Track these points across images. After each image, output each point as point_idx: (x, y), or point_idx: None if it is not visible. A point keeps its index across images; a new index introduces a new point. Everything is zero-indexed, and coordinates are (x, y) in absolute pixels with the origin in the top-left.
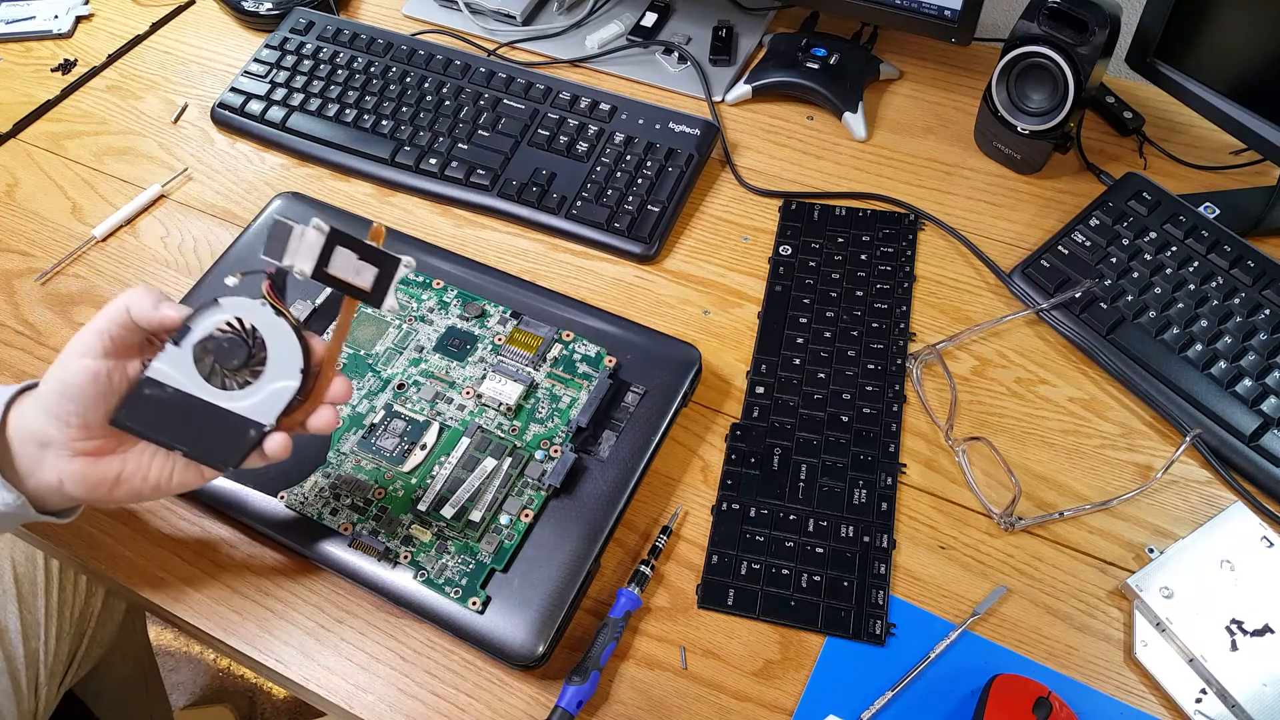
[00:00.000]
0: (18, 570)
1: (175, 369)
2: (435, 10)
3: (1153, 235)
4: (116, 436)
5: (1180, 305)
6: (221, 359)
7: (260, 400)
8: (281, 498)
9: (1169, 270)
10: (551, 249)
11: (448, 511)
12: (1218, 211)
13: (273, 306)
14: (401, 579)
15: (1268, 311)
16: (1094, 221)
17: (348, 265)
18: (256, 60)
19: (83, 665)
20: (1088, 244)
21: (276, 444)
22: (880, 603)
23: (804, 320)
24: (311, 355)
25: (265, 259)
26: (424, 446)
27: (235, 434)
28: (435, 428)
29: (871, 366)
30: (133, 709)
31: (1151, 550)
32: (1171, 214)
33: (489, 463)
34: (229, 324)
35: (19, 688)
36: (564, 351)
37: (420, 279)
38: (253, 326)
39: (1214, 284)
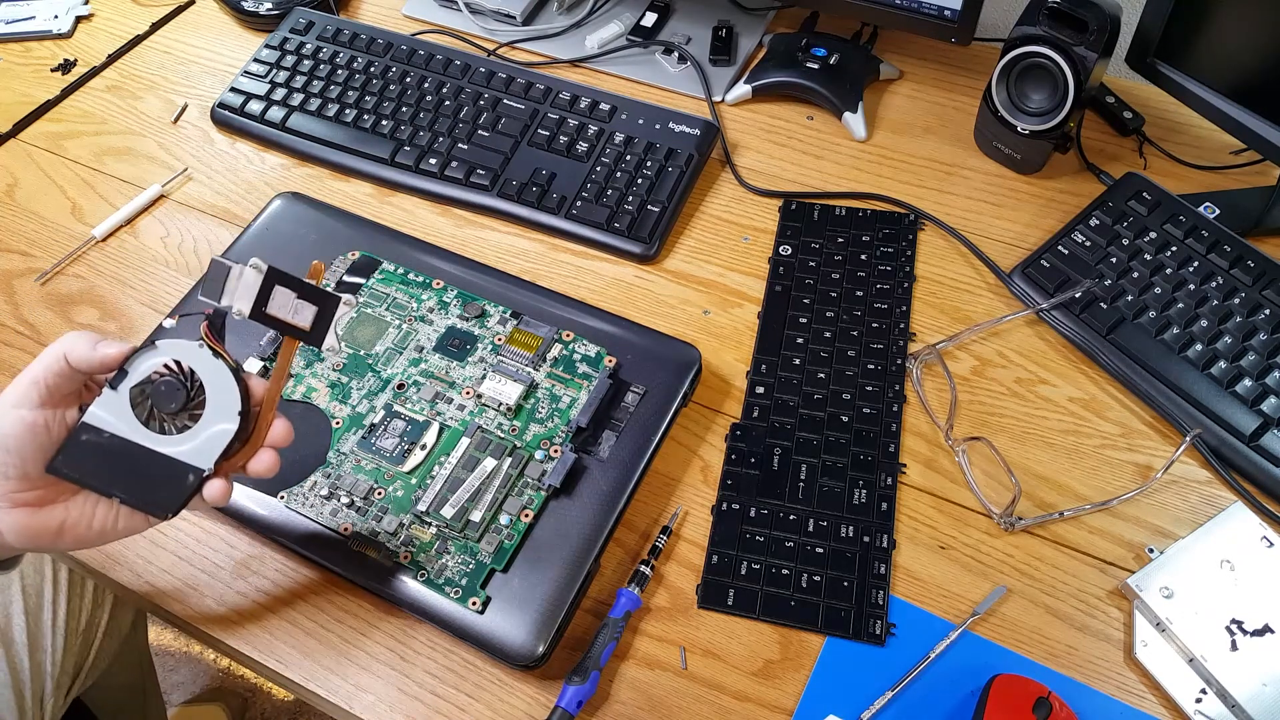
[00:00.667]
0: (25, 582)
1: (112, 414)
2: (435, 10)
3: (1153, 235)
4: (57, 485)
5: (1180, 305)
6: (159, 403)
7: (198, 444)
8: (281, 498)
9: (1169, 270)
10: (551, 249)
11: (448, 511)
12: (1218, 211)
13: (210, 348)
14: (401, 579)
15: (1268, 311)
16: (1094, 221)
17: (286, 304)
18: (256, 60)
19: (89, 676)
20: (1088, 244)
21: (216, 490)
22: (880, 603)
23: (804, 320)
24: (250, 397)
25: (202, 299)
26: (424, 446)
27: (174, 479)
28: (435, 428)
29: (871, 366)
30: (130, 713)
31: (1151, 550)
32: (1171, 214)
33: (489, 463)
34: (166, 366)
35: (23, 701)
36: (564, 351)
37: (420, 279)
38: (190, 369)
39: (1214, 284)
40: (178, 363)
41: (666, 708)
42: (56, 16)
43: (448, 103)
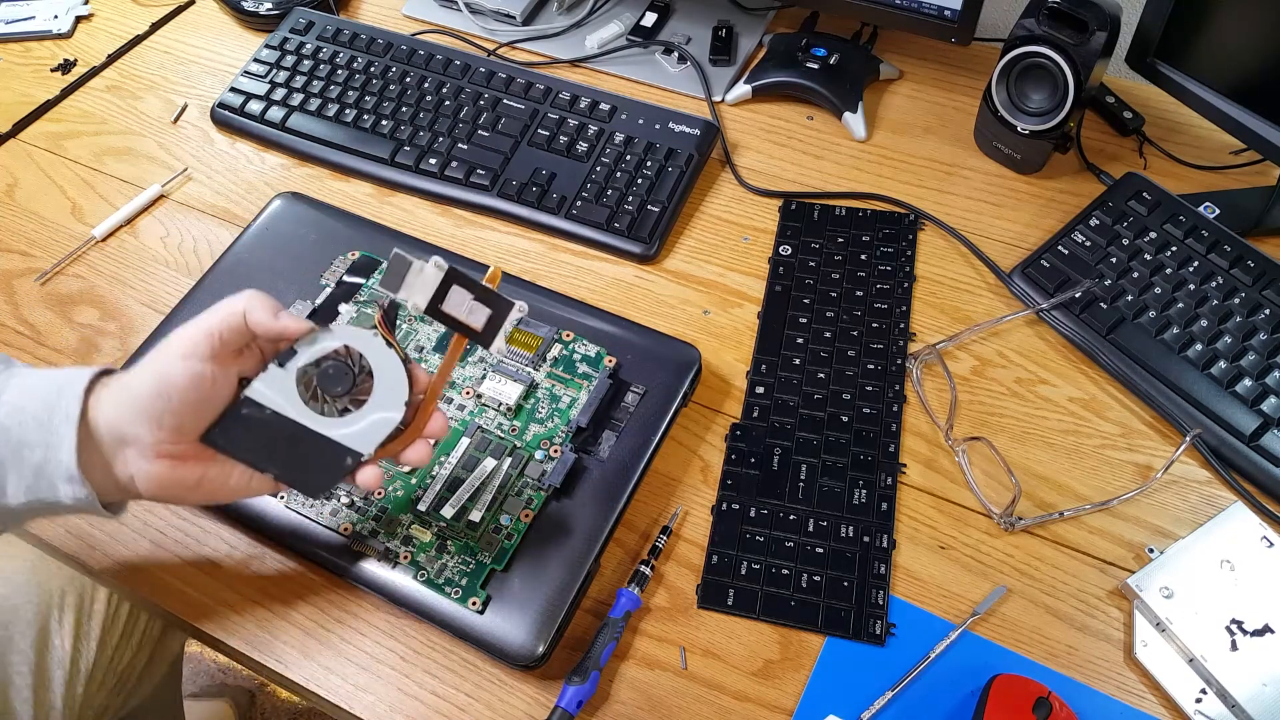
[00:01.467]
0: (63, 617)
1: (276, 390)
2: (435, 10)
3: (1153, 235)
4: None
5: (1180, 305)
6: (326, 385)
7: (361, 429)
8: (281, 498)
9: (1169, 270)
10: (551, 249)
11: (448, 511)
12: (1218, 211)
13: (384, 338)
14: (401, 579)
15: (1268, 311)
16: (1094, 221)
17: (461, 304)
18: (256, 60)
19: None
20: (1088, 244)
21: (370, 475)
22: (880, 603)
23: (804, 320)
24: (415, 388)
25: (380, 290)
26: None
27: (331, 461)
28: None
29: (871, 366)
30: None
31: (1151, 550)
32: (1171, 214)
33: (489, 463)
34: (337, 351)
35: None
36: (564, 351)
37: None
38: (360, 355)
39: (1214, 284)
40: (348, 348)
41: (666, 708)
42: (56, 16)
43: (448, 103)
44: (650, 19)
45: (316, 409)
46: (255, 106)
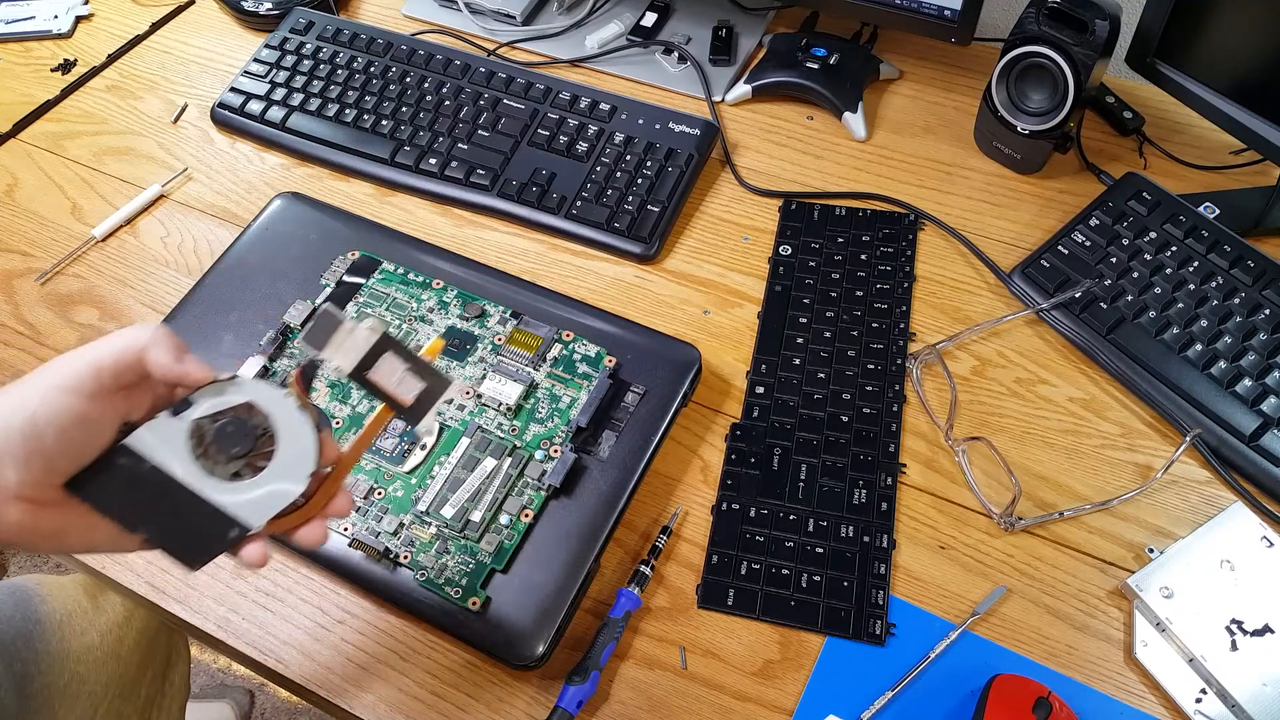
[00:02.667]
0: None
1: (162, 442)
2: (435, 10)
3: (1153, 235)
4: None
5: (1180, 305)
6: (221, 444)
7: (253, 499)
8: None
9: (1169, 270)
10: (551, 249)
11: (448, 512)
12: (1217, 211)
13: (296, 399)
14: (401, 579)
15: (1268, 311)
16: (1094, 221)
17: (392, 374)
18: (256, 60)
19: None
20: (1088, 244)
21: (255, 552)
22: (880, 603)
23: (804, 320)
24: (323, 459)
25: (302, 346)
26: (424, 447)
27: (213, 530)
28: (435, 428)
29: (871, 366)
30: None
31: (1151, 550)
32: (1171, 214)
33: (489, 463)
34: (241, 407)
35: None
36: (564, 351)
37: (420, 279)
38: (266, 415)
39: (1214, 284)
40: (253, 406)
41: (666, 708)
42: (56, 16)
43: (448, 103)
44: (650, 19)
45: (206, 469)
46: (255, 106)
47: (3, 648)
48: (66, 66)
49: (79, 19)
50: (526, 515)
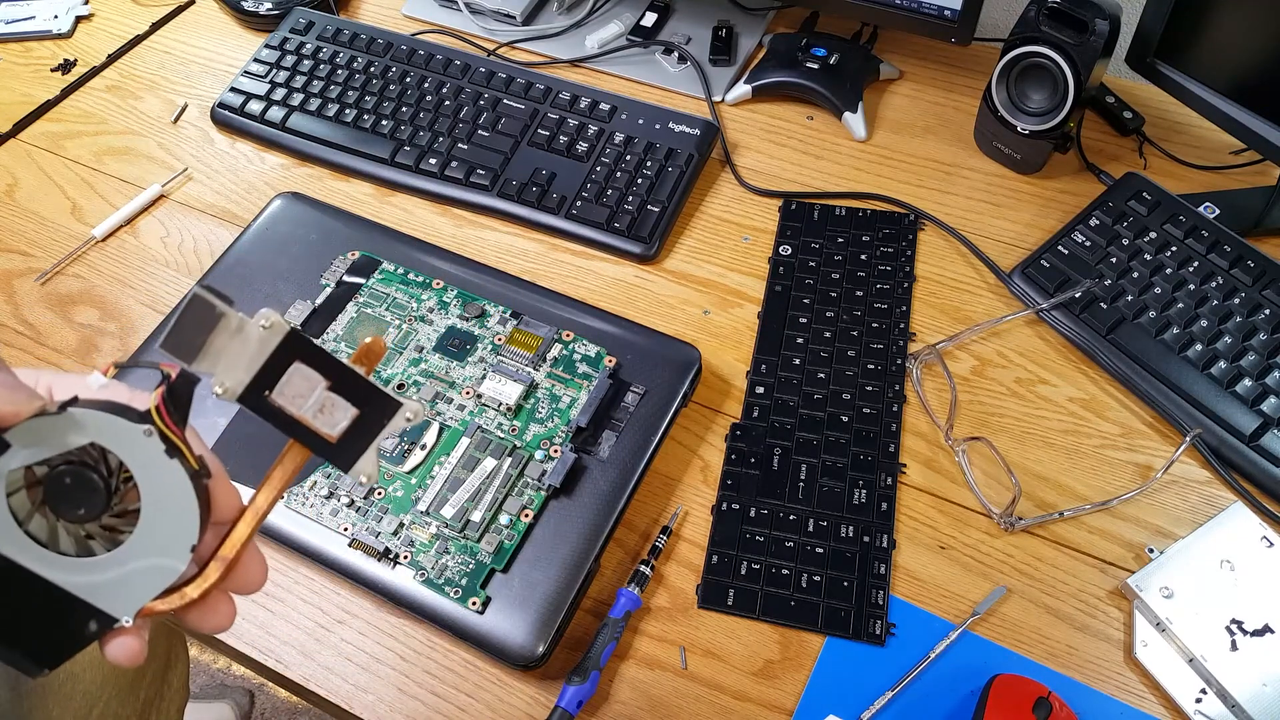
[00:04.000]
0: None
1: None
2: (435, 10)
3: (1153, 235)
4: None
5: (1180, 305)
6: (61, 503)
7: (116, 578)
8: (281, 498)
9: (1169, 270)
10: (551, 249)
11: (448, 511)
12: (1218, 211)
13: (162, 435)
14: (401, 579)
15: (1268, 311)
16: (1094, 221)
17: (306, 394)
18: (256, 60)
19: None
20: (1088, 244)
21: (128, 648)
22: (880, 603)
23: (804, 320)
24: (213, 517)
25: (164, 354)
26: (424, 447)
27: (66, 623)
28: (435, 428)
29: (871, 366)
30: None
31: (1151, 550)
32: (1171, 214)
33: (489, 463)
34: (82, 450)
35: None
36: (564, 351)
37: (420, 279)
38: (119, 462)
39: (1214, 284)
40: (101, 449)
41: (666, 708)
42: (56, 16)
43: (448, 103)
44: (650, 19)
45: (44, 537)
46: (255, 106)
47: None
48: (66, 66)
49: (79, 19)
50: (526, 515)
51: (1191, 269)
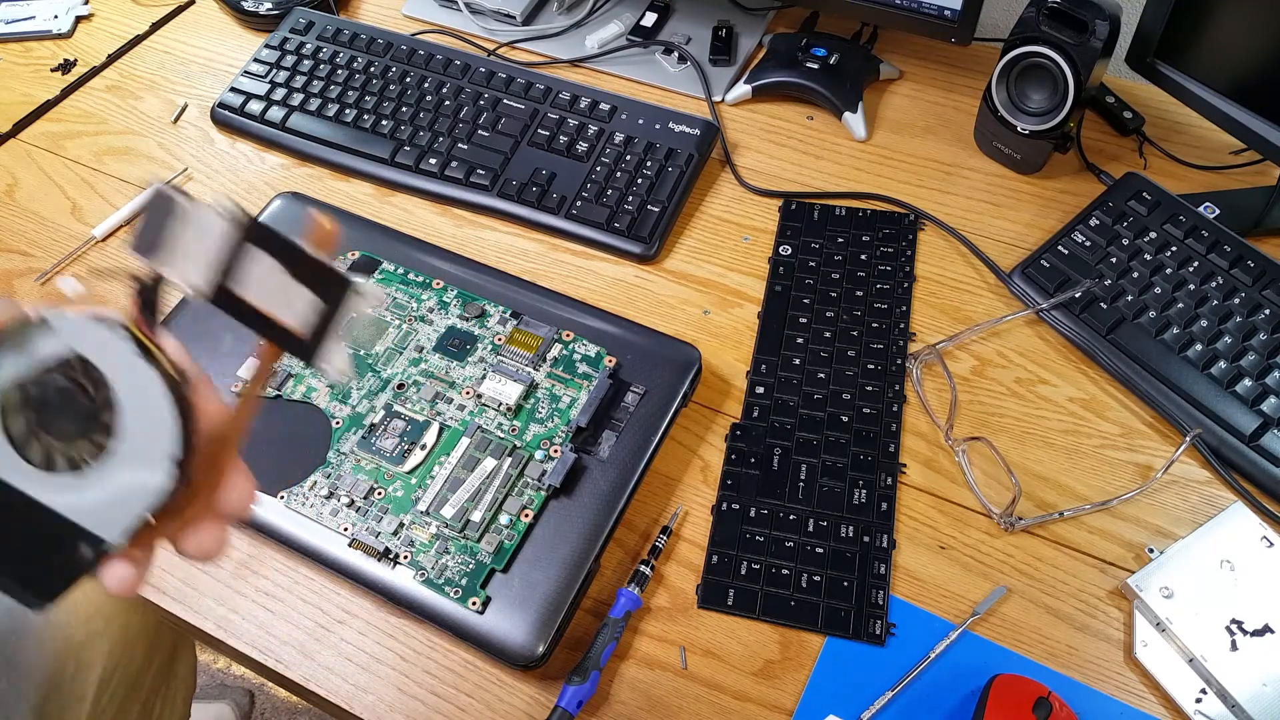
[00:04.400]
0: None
1: None
2: (435, 10)
3: (1153, 235)
4: None
5: (1180, 305)
6: (50, 421)
7: (101, 497)
8: (281, 498)
9: (1169, 270)
10: (551, 249)
11: (448, 511)
12: (1218, 211)
13: (136, 340)
14: (401, 579)
15: (1268, 311)
16: (1094, 221)
17: (269, 284)
18: (256, 60)
19: None
20: (1088, 244)
21: (121, 577)
22: (880, 603)
23: (804, 320)
24: (195, 430)
25: (133, 255)
26: (424, 447)
27: (62, 550)
28: (435, 428)
29: (871, 366)
30: None
31: (1151, 550)
32: (1171, 214)
33: (489, 463)
34: (64, 361)
35: None
36: (564, 351)
37: (420, 279)
38: (100, 372)
39: (1214, 284)
40: (80, 359)
41: (666, 708)
42: (56, 16)
43: (448, 103)
44: (650, 19)
45: (39, 460)
46: (255, 106)
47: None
48: (66, 66)
49: (79, 19)
50: (526, 515)
51: (1191, 269)
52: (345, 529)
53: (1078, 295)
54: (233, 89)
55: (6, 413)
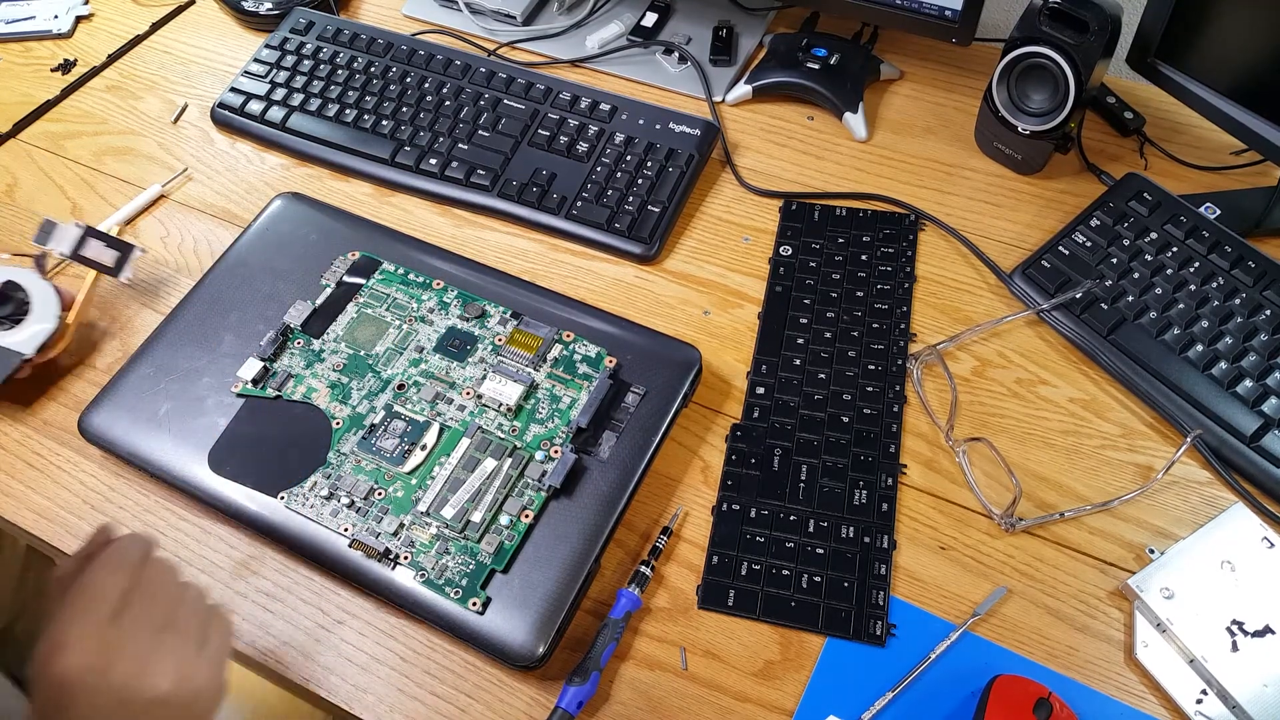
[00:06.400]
0: None
1: None
2: (435, 10)
3: (1153, 236)
4: None
5: (1181, 306)
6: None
7: (25, 337)
8: (281, 498)
9: (1170, 271)
10: (551, 249)
11: (448, 512)
12: (1218, 212)
13: (40, 275)
14: (402, 579)
15: (1268, 312)
16: (1094, 222)
17: (97, 250)
18: (256, 60)
19: None
20: (1088, 244)
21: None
22: (880, 603)
23: (804, 321)
24: (65, 308)
25: (34, 244)
26: (424, 447)
27: (4, 366)
28: (435, 428)
29: (872, 367)
30: None
31: (1152, 551)
32: (1172, 214)
33: (489, 463)
34: (10, 284)
35: None
36: (564, 352)
37: (420, 279)
38: (23, 288)
39: (1215, 284)
40: (15, 284)
41: (667, 708)
42: (56, 16)
43: (448, 103)
44: (650, 19)
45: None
46: (255, 106)
47: None
48: (66, 66)
49: (79, 19)
50: (527, 516)
51: (1192, 269)
52: (345, 529)
53: (1078, 296)
54: (233, 89)
55: None
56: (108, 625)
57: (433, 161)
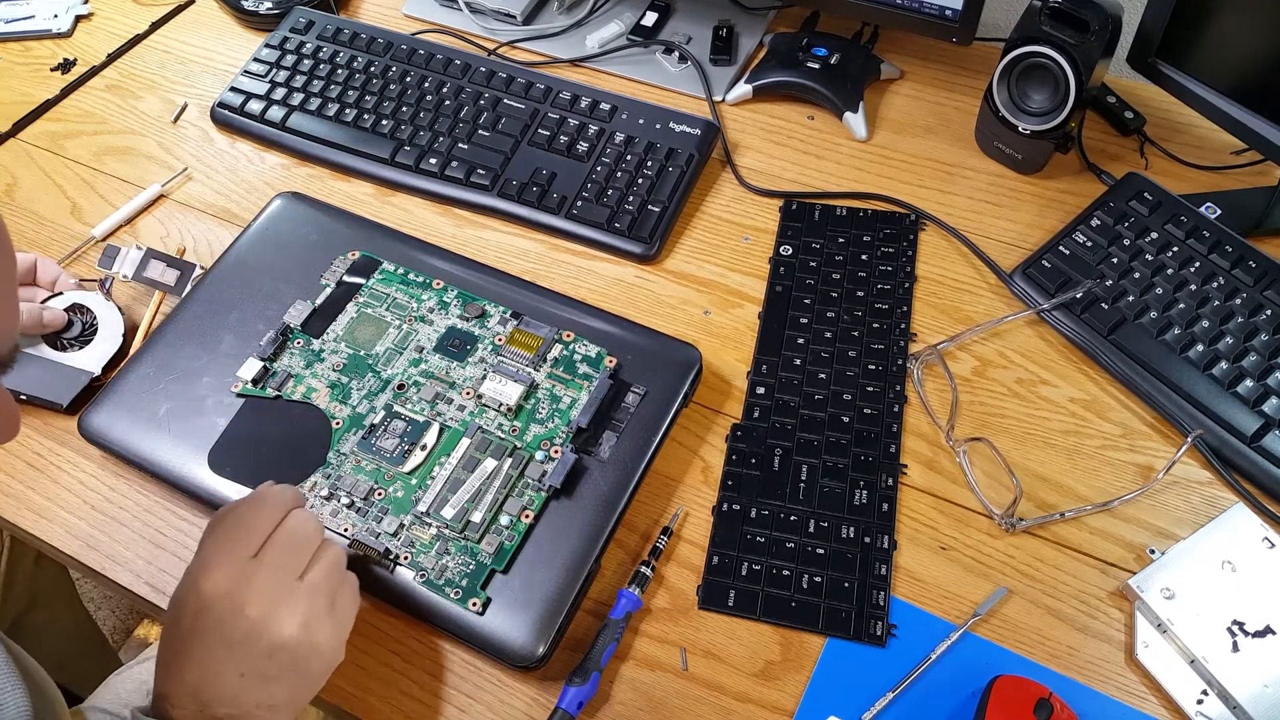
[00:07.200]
0: None
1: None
2: (435, 10)
3: (1154, 236)
4: None
5: (1181, 306)
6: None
7: (91, 357)
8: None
9: (1170, 271)
10: (552, 249)
11: (448, 512)
12: (1219, 212)
13: (106, 300)
14: (402, 580)
15: (1269, 312)
16: (1095, 222)
17: (159, 270)
18: (256, 60)
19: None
20: (1089, 244)
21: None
22: (881, 604)
23: (805, 320)
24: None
25: (99, 268)
26: (424, 447)
27: (71, 378)
28: (435, 428)
29: (872, 367)
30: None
31: (1152, 551)
32: (1173, 214)
33: (489, 463)
34: (72, 307)
35: None
36: (564, 352)
37: (420, 279)
38: (91, 311)
39: (1215, 284)
40: (81, 305)
41: (667, 709)
42: (56, 16)
43: (448, 102)
44: (651, 19)
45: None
46: (255, 106)
47: None
48: (66, 66)
49: (79, 18)
50: (527, 516)
51: (1193, 269)
52: (345, 530)
53: (1079, 295)
54: (233, 88)
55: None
56: (249, 559)
57: (433, 161)
